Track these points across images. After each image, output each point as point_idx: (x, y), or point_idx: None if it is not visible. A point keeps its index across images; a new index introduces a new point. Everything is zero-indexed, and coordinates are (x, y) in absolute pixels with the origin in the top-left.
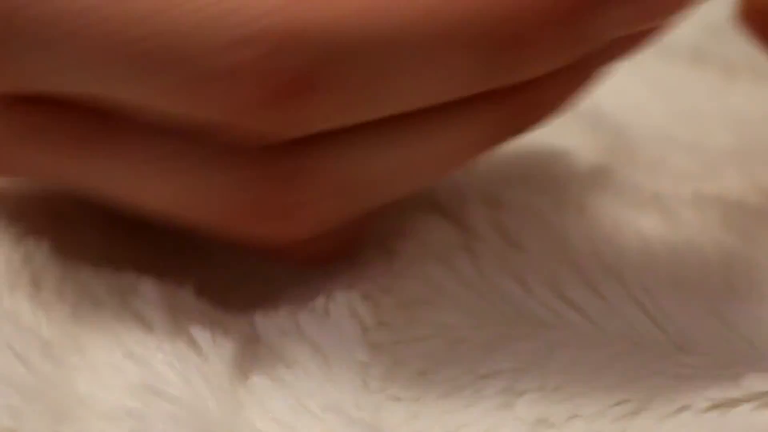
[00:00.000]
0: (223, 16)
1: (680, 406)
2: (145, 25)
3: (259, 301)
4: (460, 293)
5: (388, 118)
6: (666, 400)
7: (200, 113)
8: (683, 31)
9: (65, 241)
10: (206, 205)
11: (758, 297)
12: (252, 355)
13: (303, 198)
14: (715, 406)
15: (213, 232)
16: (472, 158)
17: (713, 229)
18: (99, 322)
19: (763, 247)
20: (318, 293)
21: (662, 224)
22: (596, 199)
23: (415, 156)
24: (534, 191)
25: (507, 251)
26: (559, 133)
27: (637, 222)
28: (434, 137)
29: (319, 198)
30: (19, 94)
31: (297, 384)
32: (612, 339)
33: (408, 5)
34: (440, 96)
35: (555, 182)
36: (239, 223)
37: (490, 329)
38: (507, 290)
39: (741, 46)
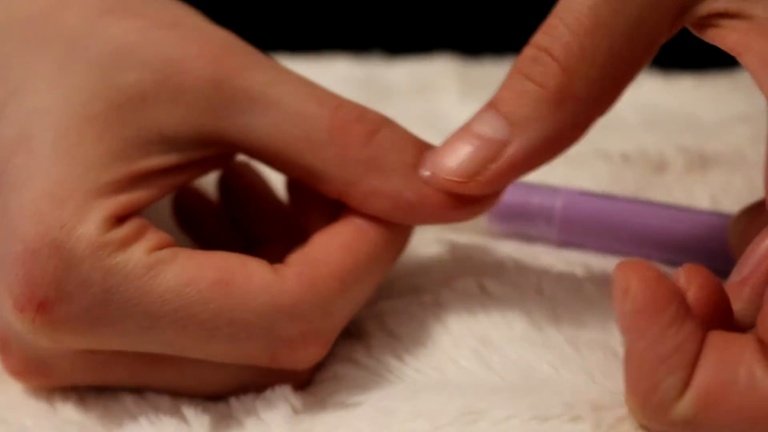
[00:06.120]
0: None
1: (509, 414)
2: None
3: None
4: (357, 376)
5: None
6: (499, 411)
7: None
8: None
9: None
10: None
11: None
12: (225, 425)
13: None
14: (536, 417)
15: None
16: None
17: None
18: (127, 412)
19: None
20: (268, 389)
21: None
22: (447, 295)
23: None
24: (406, 298)
25: (389, 340)
26: (418, 249)
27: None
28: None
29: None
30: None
31: None
32: (461, 383)
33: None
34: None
35: (418, 290)
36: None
37: (378, 393)
38: (390, 365)
39: None
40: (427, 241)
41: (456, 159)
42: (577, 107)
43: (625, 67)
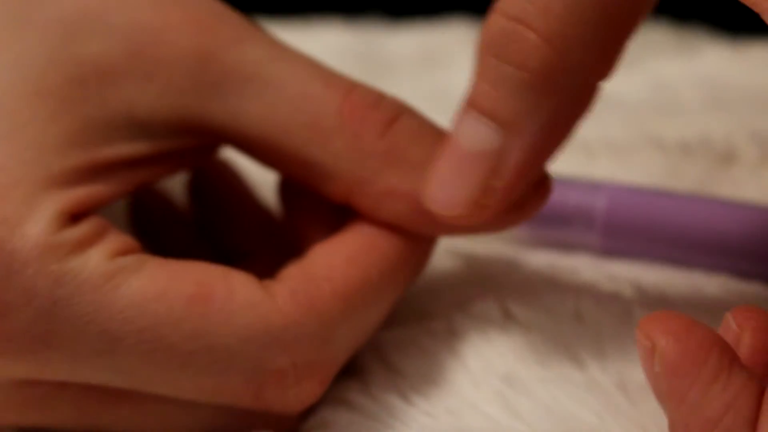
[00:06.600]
0: None
1: None
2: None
3: None
4: (353, 421)
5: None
6: None
7: None
8: None
9: None
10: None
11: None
12: None
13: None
14: None
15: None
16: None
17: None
18: None
19: None
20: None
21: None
22: (463, 322)
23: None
24: (411, 325)
25: (391, 377)
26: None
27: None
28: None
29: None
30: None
31: None
32: (481, 431)
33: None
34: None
35: (427, 315)
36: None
37: None
38: (394, 407)
39: (597, 130)
40: (438, 253)
41: (451, 189)
42: (574, 80)
43: (624, 18)
